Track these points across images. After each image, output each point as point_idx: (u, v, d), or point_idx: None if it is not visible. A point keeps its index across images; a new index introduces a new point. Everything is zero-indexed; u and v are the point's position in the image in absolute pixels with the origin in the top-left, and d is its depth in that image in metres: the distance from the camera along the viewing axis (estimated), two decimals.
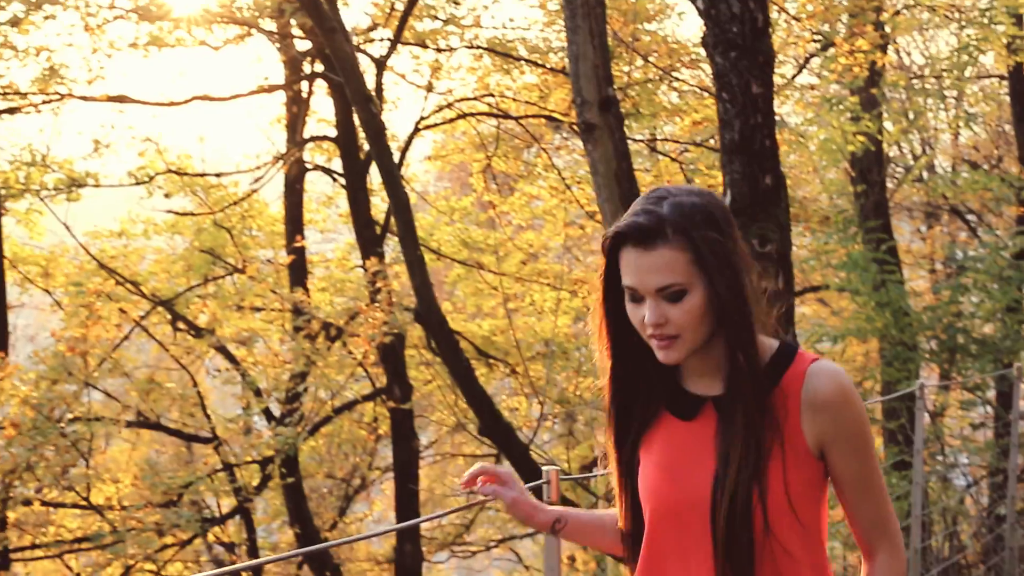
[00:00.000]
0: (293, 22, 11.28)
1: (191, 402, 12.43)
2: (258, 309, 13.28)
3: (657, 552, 2.35)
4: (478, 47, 11.42)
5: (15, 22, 10.24)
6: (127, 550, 10.30)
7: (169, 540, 11.68)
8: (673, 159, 11.76)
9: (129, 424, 11.33)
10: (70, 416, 9.63)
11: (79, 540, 11.47)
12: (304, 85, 12.38)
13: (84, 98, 10.93)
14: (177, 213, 12.45)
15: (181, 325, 12.53)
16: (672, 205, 2.18)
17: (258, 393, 11.93)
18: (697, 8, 7.30)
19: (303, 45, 11.99)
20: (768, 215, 7.20)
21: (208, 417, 12.20)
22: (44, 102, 10.91)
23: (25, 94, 10.83)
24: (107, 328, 11.34)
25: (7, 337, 12.29)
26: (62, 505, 11.31)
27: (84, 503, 11.00)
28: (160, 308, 11.96)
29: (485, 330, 13.91)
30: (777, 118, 8.12)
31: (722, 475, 2.22)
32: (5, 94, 10.80)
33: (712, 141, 12.31)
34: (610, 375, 2.37)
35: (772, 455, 2.22)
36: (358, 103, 9.60)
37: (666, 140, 11.89)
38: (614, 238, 2.21)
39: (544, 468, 3.02)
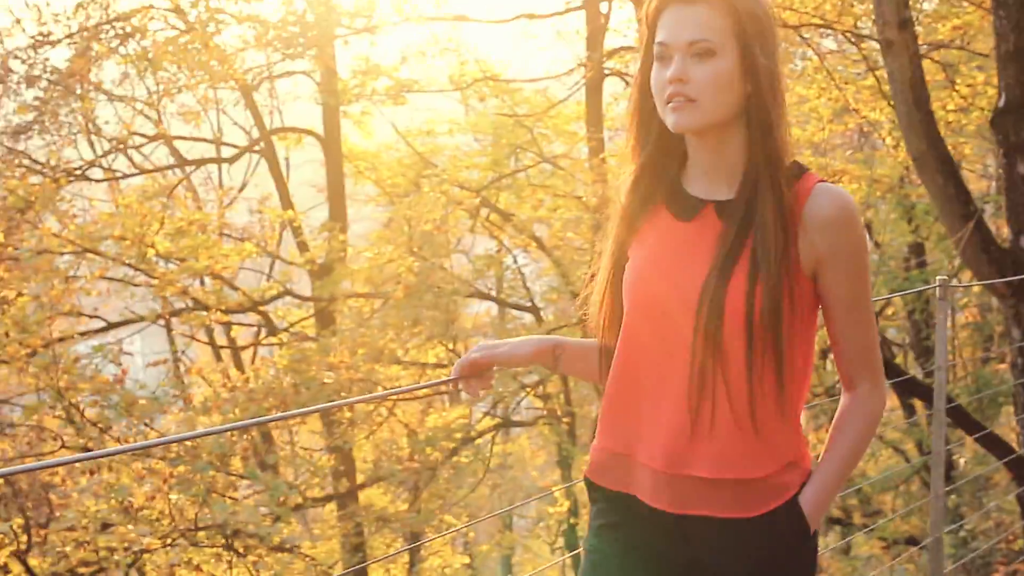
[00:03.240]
0: None
1: None
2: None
3: (635, 349, 2.28)
4: None
5: None
6: None
7: None
8: (934, 61, 12.97)
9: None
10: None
11: None
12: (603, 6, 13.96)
13: (434, 19, 12.89)
14: (506, 115, 14.25)
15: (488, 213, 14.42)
16: None
17: None
18: None
19: None
20: None
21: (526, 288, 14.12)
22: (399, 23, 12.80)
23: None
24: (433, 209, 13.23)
25: (347, 222, 14.48)
26: None
27: None
28: (466, 193, 13.66)
29: None
30: None
31: (717, 273, 2.16)
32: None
33: (971, 45, 13.52)
34: (637, 160, 2.29)
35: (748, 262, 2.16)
36: None
37: (930, 45, 13.07)
38: (659, 2, 2.16)
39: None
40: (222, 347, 14.21)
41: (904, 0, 8.46)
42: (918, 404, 17.71)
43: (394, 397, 11.06)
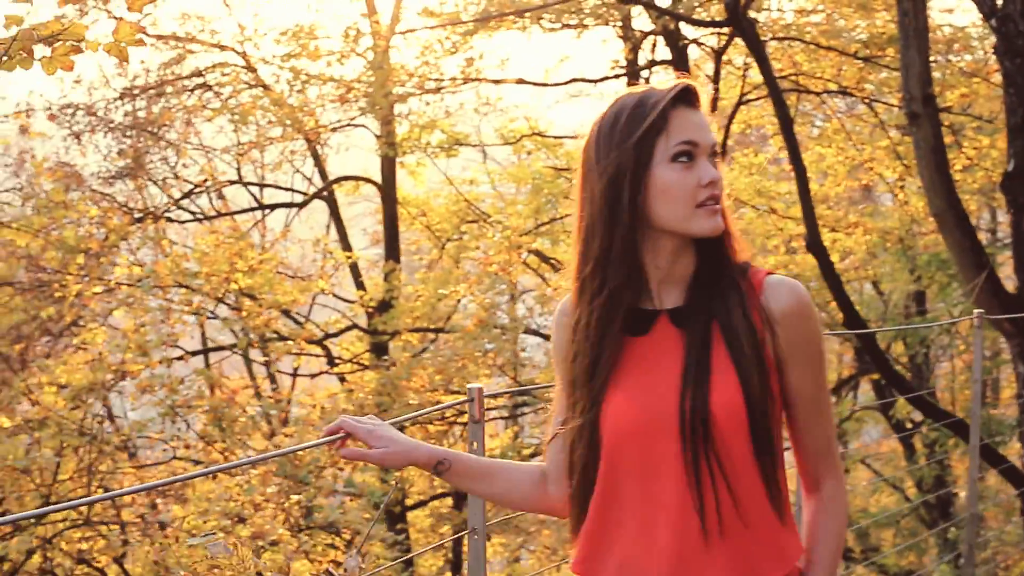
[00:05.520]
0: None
1: None
2: None
3: (617, 478, 2.17)
4: (788, 37, 14.11)
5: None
6: None
7: None
8: (945, 125, 14.33)
9: None
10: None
11: None
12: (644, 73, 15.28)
13: (497, 81, 14.20)
14: (556, 168, 15.49)
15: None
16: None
17: None
18: (991, 27, 10.03)
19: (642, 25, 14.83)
20: None
21: None
22: (465, 81, 14.09)
23: (447, 79, 14.05)
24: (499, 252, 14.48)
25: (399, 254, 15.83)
26: None
27: None
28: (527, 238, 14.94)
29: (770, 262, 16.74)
30: None
31: (690, 383, 2.09)
32: (435, 79, 14.01)
33: (971, 109, 14.91)
34: (595, 283, 2.15)
35: (726, 360, 2.11)
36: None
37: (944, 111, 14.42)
38: (654, 104, 2.08)
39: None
40: (294, 375, 15.43)
41: (929, 78, 9.78)
42: (918, 445, 18.95)
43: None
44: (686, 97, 2.11)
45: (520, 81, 14.26)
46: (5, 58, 3.08)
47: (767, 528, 2.14)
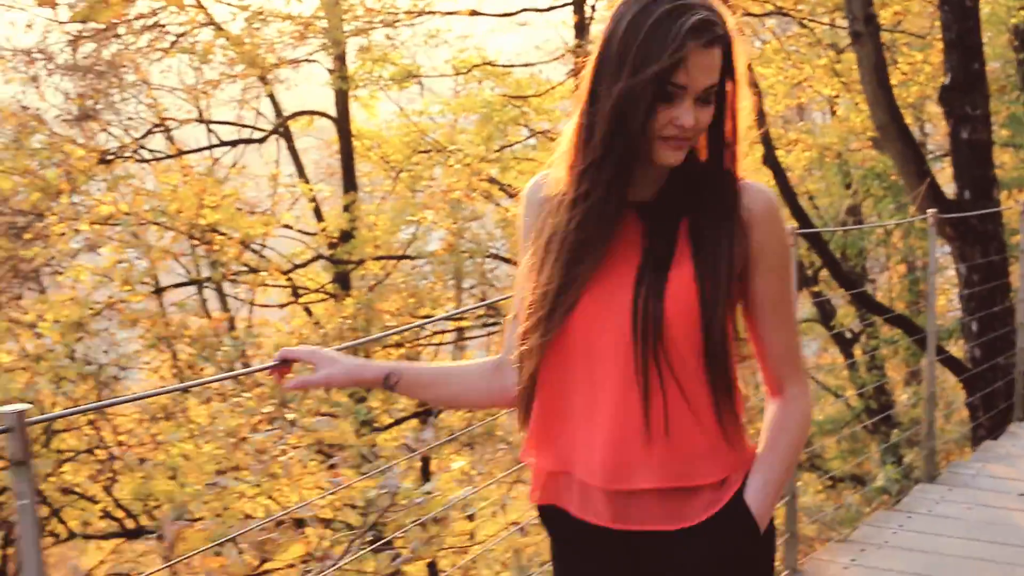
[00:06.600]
0: None
1: None
2: None
3: (567, 370, 2.16)
4: None
5: None
6: None
7: None
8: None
9: None
10: None
11: None
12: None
13: (449, 13, 14.58)
14: (512, 97, 15.90)
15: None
16: (719, 3, 2.09)
17: None
18: None
19: None
20: (976, 90, 10.53)
21: None
22: (419, 13, 14.43)
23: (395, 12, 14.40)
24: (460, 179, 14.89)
25: (356, 186, 16.20)
26: None
27: None
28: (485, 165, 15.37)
29: None
30: None
31: (645, 280, 2.09)
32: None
33: (902, 26, 15.50)
34: (593, 182, 2.11)
35: (687, 259, 2.10)
36: None
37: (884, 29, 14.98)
38: (675, 35, 2.01)
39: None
40: (264, 306, 15.81)
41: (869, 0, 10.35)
42: (858, 353, 19.73)
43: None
44: (704, 34, 2.03)
45: (473, 13, 14.64)
46: None
47: (709, 432, 2.12)
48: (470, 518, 11.82)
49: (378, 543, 5.21)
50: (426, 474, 12.07)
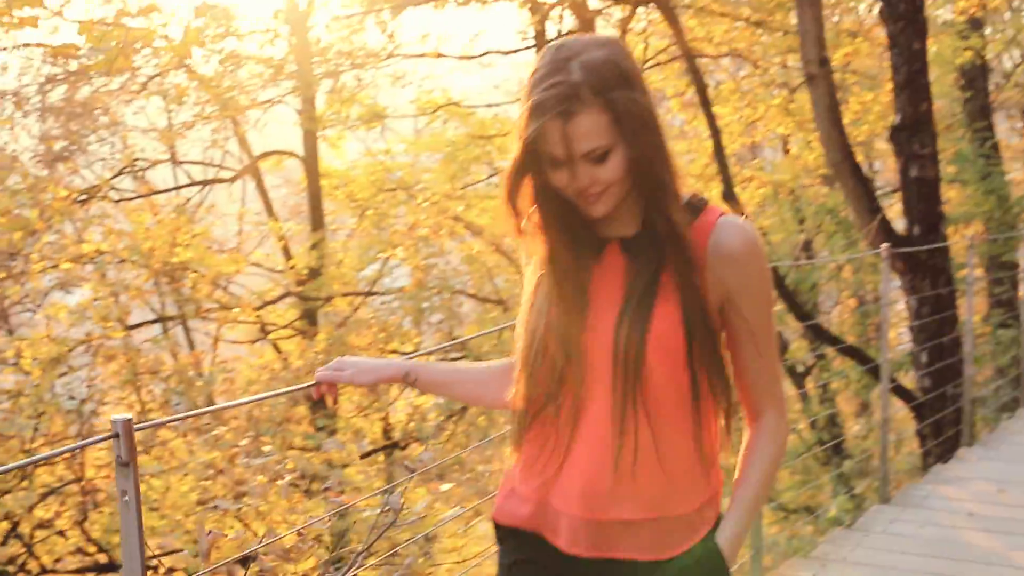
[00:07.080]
0: None
1: None
2: None
3: (556, 403, 2.23)
4: (688, 6, 15.10)
5: None
6: None
7: None
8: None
9: None
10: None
11: None
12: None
13: (419, 55, 14.99)
14: (478, 137, 16.30)
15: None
16: (583, 66, 2.04)
17: None
18: None
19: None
20: (924, 129, 10.99)
21: None
22: (388, 56, 14.83)
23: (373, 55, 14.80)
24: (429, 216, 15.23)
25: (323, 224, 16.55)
26: None
27: None
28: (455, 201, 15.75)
29: None
30: None
31: (635, 307, 2.13)
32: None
33: (851, 67, 16.05)
34: (548, 229, 2.19)
35: (672, 296, 2.14)
36: None
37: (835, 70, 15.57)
38: (533, 113, 2.04)
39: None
40: (235, 342, 16.06)
41: (823, 43, 10.81)
42: (809, 386, 20.16)
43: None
44: (550, 109, 2.04)
45: (439, 55, 15.06)
46: None
47: (685, 465, 2.18)
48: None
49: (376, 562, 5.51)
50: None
